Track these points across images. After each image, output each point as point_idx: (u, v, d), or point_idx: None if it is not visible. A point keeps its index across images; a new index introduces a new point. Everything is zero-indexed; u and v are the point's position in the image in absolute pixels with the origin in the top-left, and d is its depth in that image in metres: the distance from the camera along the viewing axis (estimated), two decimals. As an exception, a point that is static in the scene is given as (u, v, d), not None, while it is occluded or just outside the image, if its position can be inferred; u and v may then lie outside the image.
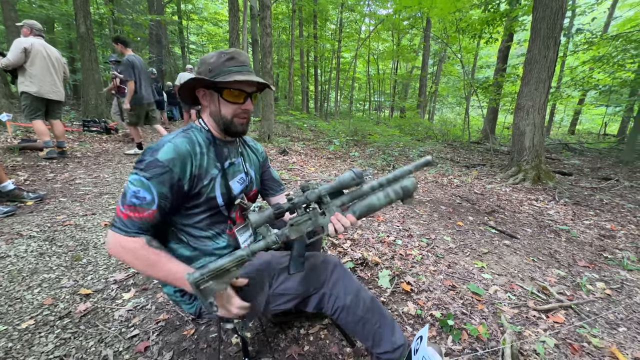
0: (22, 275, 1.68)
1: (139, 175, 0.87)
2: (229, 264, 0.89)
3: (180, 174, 0.92)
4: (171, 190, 0.91)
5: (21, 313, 1.42)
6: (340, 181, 0.97)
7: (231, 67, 0.99)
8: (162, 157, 0.89)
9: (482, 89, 9.40)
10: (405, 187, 0.99)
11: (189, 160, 0.94)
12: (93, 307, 1.50)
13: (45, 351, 1.23)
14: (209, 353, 1.27)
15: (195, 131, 1.04)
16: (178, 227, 1.02)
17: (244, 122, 1.06)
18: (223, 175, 1.04)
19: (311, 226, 0.97)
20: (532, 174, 4.65)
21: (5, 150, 4.15)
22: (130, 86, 4.46)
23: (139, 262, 0.89)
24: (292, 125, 9.40)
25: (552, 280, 2.01)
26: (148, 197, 0.87)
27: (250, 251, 0.91)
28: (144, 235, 0.89)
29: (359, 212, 0.98)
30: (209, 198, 1.00)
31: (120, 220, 0.87)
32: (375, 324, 1.07)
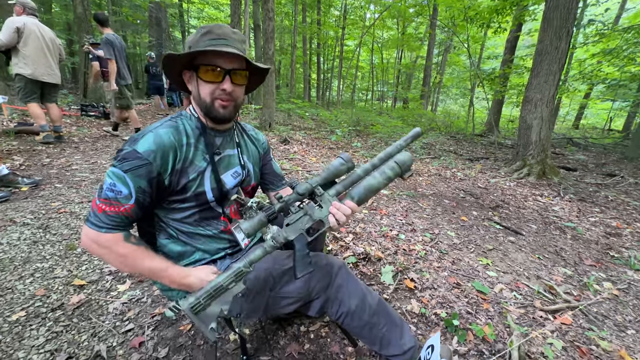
0: (14, 264, 1.63)
1: (116, 167, 0.80)
2: (226, 280, 0.81)
3: (161, 168, 0.83)
4: (150, 184, 0.83)
5: (12, 304, 1.38)
6: (329, 169, 0.89)
7: (207, 41, 0.86)
8: (141, 149, 0.80)
9: (488, 81, 9.21)
10: (401, 160, 0.91)
11: (172, 153, 0.85)
12: (87, 299, 1.45)
13: (36, 345, 1.19)
14: (205, 350, 1.23)
15: (185, 119, 0.94)
16: (165, 222, 0.96)
17: (226, 105, 0.91)
18: (213, 168, 0.95)
19: (309, 222, 0.89)
20: (537, 169, 4.58)
21: (0, 134, 4.06)
22: (111, 66, 4.35)
23: (114, 259, 0.83)
24: (293, 113, 9.26)
25: (559, 279, 1.96)
26: (124, 191, 0.80)
27: (249, 262, 0.84)
28: (121, 230, 0.82)
29: (358, 197, 0.89)
30: (198, 193, 0.92)
31: (94, 214, 0.80)
32: (383, 328, 1.02)
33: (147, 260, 0.85)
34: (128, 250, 0.83)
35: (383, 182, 0.90)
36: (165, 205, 0.93)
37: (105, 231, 0.80)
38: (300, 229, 0.88)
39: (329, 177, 0.89)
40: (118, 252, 0.82)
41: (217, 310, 0.80)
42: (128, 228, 0.85)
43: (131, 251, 0.83)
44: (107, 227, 0.80)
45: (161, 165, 0.83)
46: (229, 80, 0.88)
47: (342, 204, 0.87)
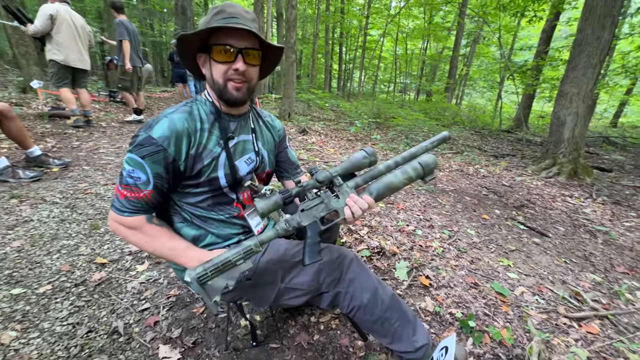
0: (43, 240, 1.72)
1: (133, 153, 0.81)
2: (235, 257, 0.80)
3: (176, 154, 0.84)
4: (166, 170, 0.84)
5: (40, 277, 1.45)
6: (351, 161, 0.88)
7: (219, 20, 0.84)
8: (156, 135, 0.81)
9: (519, 73, 8.73)
10: (425, 162, 0.89)
11: (186, 139, 0.85)
12: (107, 277, 1.51)
13: (59, 317, 1.25)
14: (217, 334, 1.25)
15: (199, 104, 0.93)
16: (180, 206, 0.96)
17: (239, 87, 0.88)
18: (227, 154, 0.94)
19: (324, 210, 0.87)
20: (569, 168, 4.31)
21: (35, 117, 4.28)
22: (125, 46, 4.49)
23: (138, 240, 0.85)
24: (313, 104, 9.20)
25: (586, 285, 1.84)
26: (143, 177, 0.81)
27: (259, 241, 0.82)
28: (143, 214, 0.85)
29: (377, 193, 0.88)
30: (211, 179, 0.92)
31: (117, 200, 0.83)
32: (395, 323, 0.99)
33: (169, 241, 0.87)
34: (151, 231, 0.85)
35: (404, 182, 0.89)
36: (180, 189, 0.93)
37: (128, 215, 0.83)
38: (314, 216, 0.86)
39: (350, 169, 0.88)
40: (142, 234, 0.85)
41: (222, 284, 0.79)
42: (150, 212, 0.87)
43: (154, 232, 0.86)
44: (130, 211, 0.83)
45: (175, 151, 0.83)
46: (242, 60, 0.85)
47: (360, 198, 0.86)
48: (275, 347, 1.21)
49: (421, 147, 0.93)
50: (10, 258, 1.55)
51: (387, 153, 4.99)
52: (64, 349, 1.12)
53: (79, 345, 1.13)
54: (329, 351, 1.21)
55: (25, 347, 1.11)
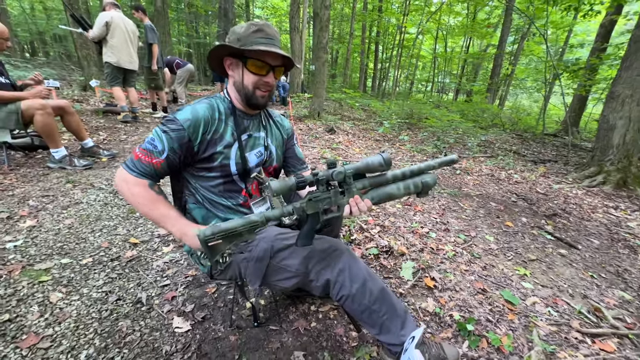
0: (90, 220, 1.99)
1: (160, 127, 0.98)
2: (241, 228, 0.89)
3: (192, 135, 0.99)
4: (181, 147, 0.98)
5: (84, 251, 1.69)
6: (367, 164, 0.95)
7: (259, 39, 0.99)
8: (180, 117, 0.97)
9: (569, 72, 8.03)
10: (426, 182, 1.00)
11: (204, 124, 1.00)
12: (138, 255, 1.72)
13: (96, 285, 1.46)
14: (224, 312, 1.38)
15: (218, 100, 1.09)
16: (195, 188, 1.10)
17: (265, 95, 1.07)
18: (240, 145, 1.07)
19: (329, 204, 0.97)
20: (617, 177, 3.94)
21: (92, 113, 4.82)
22: (154, 49, 4.89)
23: (135, 200, 0.99)
24: (344, 103, 9.23)
25: (612, 302, 1.72)
26: (159, 147, 0.97)
27: (265, 217, 0.91)
28: (148, 179, 0.99)
29: (377, 199, 0.98)
30: (223, 164, 1.06)
31: (131, 159, 0.99)
32: (383, 315, 1.04)
33: (163, 208, 1.01)
34: (149, 196, 0.99)
35: (402, 194, 1.00)
36: (195, 172, 1.08)
37: (136, 175, 0.98)
38: (319, 207, 0.96)
39: (363, 170, 0.96)
40: (140, 195, 0.99)
41: (224, 247, 0.89)
42: (155, 179, 1.02)
43: (151, 196, 1.00)
44: (137, 172, 0.98)
45: (193, 133, 0.99)
46: (272, 75, 1.05)
47: (362, 201, 0.96)
48: (274, 329, 1.31)
49: (428, 164, 1.02)
50: (62, 233, 1.82)
51: (414, 154, 4.90)
52: (97, 311, 1.31)
53: (109, 310, 1.32)
54: (323, 338, 1.29)
55: (67, 306, 1.32)
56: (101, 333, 1.21)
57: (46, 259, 1.59)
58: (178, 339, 1.22)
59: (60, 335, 1.18)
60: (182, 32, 16.30)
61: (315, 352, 1.22)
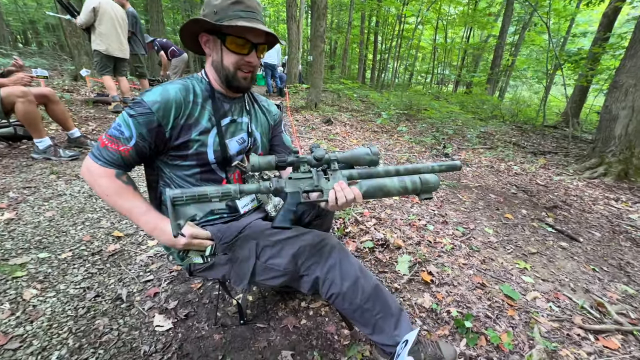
0: (72, 212, 1.90)
1: (126, 111, 0.87)
2: (212, 193, 0.83)
3: (162, 120, 0.88)
4: (150, 133, 0.88)
5: (64, 245, 1.61)
6: (353, 153, 0.90)
7: (238, 12, 0.89)
8: (147, 99, 0.87)
9: (571, 63, 7.89)
10: (426, 180, 0.90)
11: (175, 107, 0.90)
12: (120, 249, 1.64)
13: (74, 281, 1.38)
14: (209, 309, 1.31)
15: (195, 80, 0.98)
16: (170, 178, 1.00)
17: (247, 76, 0.98)
18: (219, 131, 0.97)
19: (310, 186, 0.89)
20: (618, 169, 3.87)
21: (82, 102, 4.69)
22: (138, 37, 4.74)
23: (101, 190, 0.90)
24: (342, 94, 9.08)
25: (614, 296, 1.66)
26: (126, 133, 0.87)
27: (239, 189, 0.85)
28: (115, 168, 0.89)
29: (366, 189, 0.88)
30: (199, 152, 0.96)
31: (97, 147, 0.89)
32: (376, 315, 0.98)
33: (130, 200, 0.91)
34: (115, 186, 0.89)
35: (397, 189, 0.89)
36: (169, 160, 0.98)
37: (101, 164, 0.88)
38: (299, 187, 0.88)
39: (350, 160, 0.90)
40: (107, 185, 0.89)
41: (192, 212, 0.82)
42: (123, 169, 0.92)
43: (118, 187, 0.90)
44: (104, 161, 0.88)
45: (163, 116, 0.88)
46: (255, 54, 0.94)
47: (348, 187, 0.86)
48: (261, 327, 1.24)
49: (427, 166, 0.92)
50: (42, 226, 1.73)
51: (412, 146, 4.81)
52: (73, 309, 1.23)
53: (86, 307, 1.25)
54: (313, 336, 1.22)
55: (42, 304, 1.24)
56: (76, 332, 1.13)
57: (23, 253, 1.51)
58: (158, 338, 1.15)
59: (31, 335, 1.10)
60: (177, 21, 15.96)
61: (305, 352, 1.15)
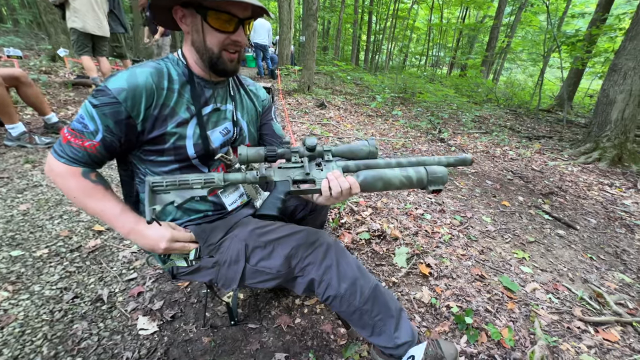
0: (48, 205, 1.78)
1: (89, 101, 0.74)
2: (194, 180, 0.78)
3: (132, 111, 0.75)
4: (118, 126, 0.76)
5: (39, 241, 1.50)
6: (349, 146, 0.83)
7: None
8: (112, 86, 0.73)
9: (567, 45, 7.76)
10: (433, 170, 0.80)
11: (146, 95, 0.77)
12: (102, 245, 1.53)
13: (50, 281, 1.28)
14: (197, 309, 1.23)
15: (170, 63, 0.85)
16: (146, 175, 0.88)
17: (234, 58, 0.85)
18: (199, 121, 0.85)
19: (301, 175, 0.81)
20: (612, 154, 3.86)
21: (61, 85, 4.42)
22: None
23: (69, 192, 0.80)
24: (336, 77, 8.84)
25: (612, 286, 1.65)
26: (90, 126, 0.74)
27: (224, 177, 0.79)
28: (81, 166, 0.78)
29: (364, 178, 0.79)
30: (177, 147, 0.84)
31: (59, 143, 0.77)
32: (375, 316, 0.92)
33: (101, 202, 0.81)
34: (83, 187, 0.79)
35: (400, 180, 0.80)
36: (143, 156, 0.86)
37: (65, 162, 0.76)
38: (289, 176, 0.81)
39: (346, 153, 0.83)
40: (73, 186, 0.78)
41: (170, 198, 0.78)
42: (90, 166, 0.80)
43: (85, 187, 0.79)
44: (67, 159, 0.76)
45: (132, 107, 0.75)
46: (242, 31, 0.82)
47: (343, 176, 0.78)
48: (253, 327, 1.17)
49: (433, 159, 0.84)
50: (15, 220, 1.61)
51: (408, 130, 4.72)
52: (48, 312, 1.14)
53: (63, 310, 1.16)
54: (308, 336, 1.16)
55: (14, 307, 1.15)
56: (51, 338, 1.05)
57: (-7, 251, 1.40)
58: (142, 343, 1.07)
59: (1, 343, 1.01)
60: None
61: (299, 353, 1.10)
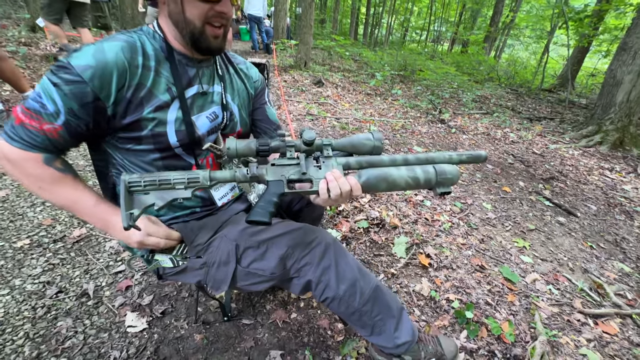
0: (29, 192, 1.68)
1: (48, 76, 0.63)
2: (177, 179, 0.69)
3: (100, 92, 0.64)
4: (84, 109, 0.64)
5: (20, 230, 1.42)
6: (351, 139, 0.73)
7: None
8: (76, 62, 0.61)
9: (574, 21, 7.47)
10: (442, 170, 0.73)
11: (117, 74, 0.65)
12: (87, 234, 1.46)
13: (32, 274, 1.21)
14: (188, 304, 1.18)
15: (145, 36, 0.72)
16: (123, 166, 0.78)
17: (219, 34, 0.73)
18: (182, 105, 0.74)
19: (297, 174, 0.72)
20: (614, 137, 3.79)
21: (42, 59, 4.15)
22: None
23: (30, 183, 0.68)
24: (334, 52, 8.48)
25: (612, 276, 1.63)
26: (50, 107, 0.62)
27: (210, 176, 0.70)
28: (42, 152, 0.67)
29: (367, 178, 0.71)
30: (156, 134, 0.73)
31: (11, 124, 0.64)
32: (375, 317, 0.87)
33: (72, 192, 0.71)
34: (47, 174, 0.68)
35: (406, 181, 0.72)
36: (118, 144, 0.75)
37: (20, 147, 0.64)
38: (283, 175, 0.72)
39: (348, 147, 0.74)
40: (34, 174, 0.67)
41: (150, 200, 0.68)
42: (53, 152, 0.69)
43: (50, 175, 0.68)
44: (23, 143, 0.64)
45: (100, 88, 0.64)
46: (228, 1, 0.71)
47: (343, 176, 0.69)
48: (247, 323, 1.13)
49: (443, 155, 0.74)
50: (-6, 208, 1.52)
51: (407, 110, 4.58)
52: (30, 308, 1.08)
53: (46, 306, 1.10)
54: (304, 332, 1.12)
55: (-8, 304, 1.08)
56: (34, 337, 1.00)
57: (-30, 242, 1.32)
58: (131, 341, 1.03)
59: (-21, 344, 0.96)
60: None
61: (295, 351, 1.06)
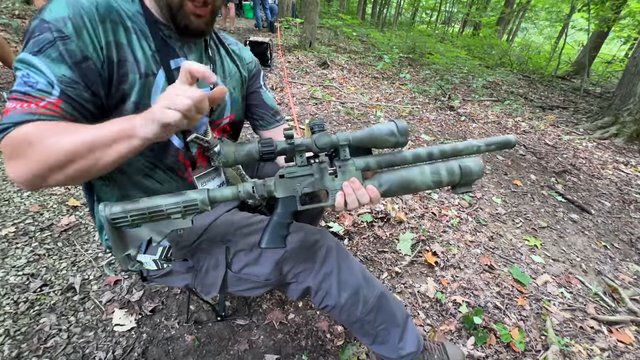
0: (17, 175, 1.60)
1: (26, 51, 0.51)
2: (171, 207, 0.57)
3: (85, 47, 0.52)
4: (79, 72, 0.52)
5: (5, 217, 1.34)
6: (372, 133, 0.60)
7: None
8: (50, 17, 0.51)
9: (595, 4, 7.06)
10: (467, 168, 0.64)
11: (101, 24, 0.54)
12: (76, 223, 1.38)
13: (16, 265, 1.15)
14: (180, 301, 1.12)
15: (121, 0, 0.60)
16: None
17: (201, 14, 0.61)
18: (168, 77, 0.63)
19: (311, 187, 0.62)
20: (631, 129, 3.63)
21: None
22: None
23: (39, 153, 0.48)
24: (340, 32, 8.15)
25: (627, 279, 1.55)
26: (41, 81, 0.50)
27: (209, 198, 0.58)
28: None
29: (387, 187, 0.63)
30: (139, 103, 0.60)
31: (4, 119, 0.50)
32: (378, 326, 0.80)
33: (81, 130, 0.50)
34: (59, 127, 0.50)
35: (428, 184, 0.65)
36: None
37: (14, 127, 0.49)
38: (295, 190, 0.62)
39: (367, 142, 0.61)
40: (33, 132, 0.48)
41: (144, 235, 0.59)
42: None
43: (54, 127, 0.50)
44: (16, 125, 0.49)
45: (85, 40, 0.52)
46: None
47: (363, 187, 0.60)
48: (242, 324, 1.07)
49: (470, 145, 0.65)
50: (-22, 192, 1.44)
51: (415, 96, 4.40)
52: (12, 303, 1.02)
53: (30, 301, 1.04)
54: (302, 335, 1.06)
55: (-28, 297, 1.02)
56: (14, 335, 0.94)
57: (-49, 228, 1.25)
58: (118, 341, 0.97)
59: (-45, 341, 0.90)
60: None
61: (292, 355, 1.00)
